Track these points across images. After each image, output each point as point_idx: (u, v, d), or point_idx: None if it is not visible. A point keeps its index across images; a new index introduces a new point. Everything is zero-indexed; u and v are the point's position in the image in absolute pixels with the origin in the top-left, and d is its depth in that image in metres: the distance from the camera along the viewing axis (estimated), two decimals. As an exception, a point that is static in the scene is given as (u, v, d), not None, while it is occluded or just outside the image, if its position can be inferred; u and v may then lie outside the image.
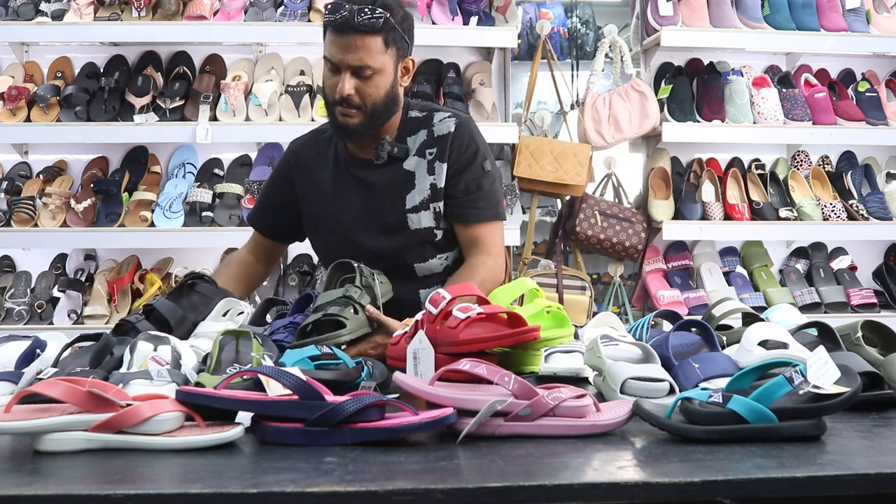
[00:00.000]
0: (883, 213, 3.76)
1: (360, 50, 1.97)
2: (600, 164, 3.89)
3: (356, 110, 2.03)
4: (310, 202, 2.23)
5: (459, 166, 2.13)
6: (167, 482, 1.12)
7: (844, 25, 3.76)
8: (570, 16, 4.14)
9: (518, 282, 1.87)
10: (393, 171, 2.13)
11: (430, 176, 2.13)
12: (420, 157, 2.14)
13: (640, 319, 1.92)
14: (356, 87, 2.00)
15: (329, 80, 2.04)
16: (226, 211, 3.49)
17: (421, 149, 2.14)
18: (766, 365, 1.41)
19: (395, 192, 2.13)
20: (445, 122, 2.15)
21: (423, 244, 2.15)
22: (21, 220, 3.45)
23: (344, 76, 2.00)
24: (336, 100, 2.03)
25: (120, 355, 1.55)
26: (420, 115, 2.18)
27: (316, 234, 2.30)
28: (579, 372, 1.69)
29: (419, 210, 2.13)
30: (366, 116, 2.04)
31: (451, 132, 2.13)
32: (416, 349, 1.48)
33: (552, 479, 1.11)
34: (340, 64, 1.99)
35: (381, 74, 2.02)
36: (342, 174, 2.18)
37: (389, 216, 2.13)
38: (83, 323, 3.39)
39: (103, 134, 3.54)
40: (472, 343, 1.54)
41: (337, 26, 1.97)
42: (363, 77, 2.00)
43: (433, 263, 2.17)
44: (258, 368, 1.35)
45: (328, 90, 2.05)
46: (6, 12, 3.58)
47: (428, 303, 1.58)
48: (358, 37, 1.96)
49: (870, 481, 1.14)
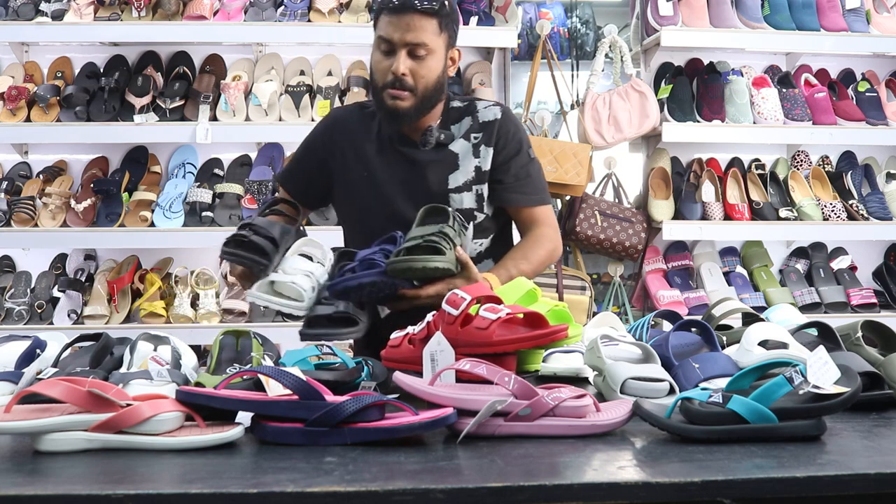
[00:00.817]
0: (883, 213, 3.76)
1: (417, 29, 2.04)
2: (600, 164, 3.89)
3: (408, 92, 2.08)
4: (349, 168, 2.23)
5: (508, 153, 2.20)
6: (167, 482, 1.12)
7: (844, 25, 3.76)
8: (570, 16, 4.14)
9: (516, 282, 1.87)
10: (438, 152, 2.19)
11: (476, 159, 2.18)
12: (465, 141, 2.20)
13: (640, 319, 1.92)
14: (410, 68, 2.06)
15: (382, 62, 2.09)
16: (226, 211, 3.49)
17: (466, 134, 2.21)
18: (766, 365, 1.41)
19: (439, 171, 2.18)
20: (491, 108, 2.22)
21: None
22: (21, 220, 3.45)
23: (399, 55, 2.05)
24: (389, 81, 2.07)
25: (120, 355, 1.55)
26: (462, 105, 2.24)
27: (349, 201, 2.26)
28: (579, 372, 1.69)
29: (461, 191, 2.18)
30: (416, 100, 2.09)
31: (497, 119, 2.20)
32: (434, 351, 1.46)
33: (552, 479, 1.11)
34: (398, 42, 2.05)
35: (434, 56, 2.08)
36: (386, 149, 2.21)
37: (432, 193, 2.16)
38: (83, 323, 3.39)
39: (103, 134, 3.54)
40: (507, 344, 1.51)
41: (397, 7, 2.04)
42: (418, 57, 2.06)
43: (469, 246, 2.20)
44: (258, 368, 1.35)
45: (380, 73, 2.10)
46: (6, 12, 3.58)
47: (445, 303, 1.55)
48: (416, 16, 2.03)
49: (870, 481, 1.14)
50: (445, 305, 1.55)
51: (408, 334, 1.63)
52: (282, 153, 3.72)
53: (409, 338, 1.62)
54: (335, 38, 3.65)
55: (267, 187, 3.50)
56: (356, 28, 3.54)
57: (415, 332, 1.61)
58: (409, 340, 1.61)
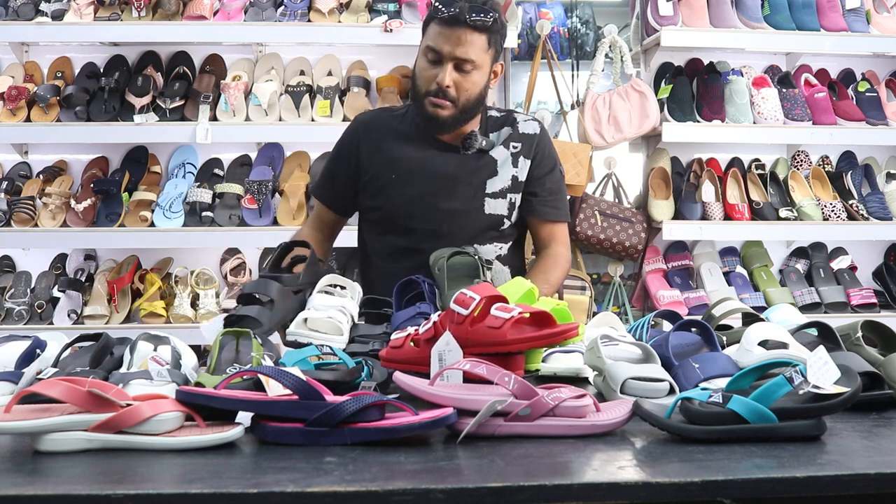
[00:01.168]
0: (883, 213, 3.76)
1: (467, 44, 2.09)
2: (600, 164, 3.89)
3: (450, 103, 2.13)
4: (376, 171, 2.26)
5: (545, 167, 2.28)
6: (167, 482, 1.12)
7: (844, 25, 3.76)
8: (570, 16, 4.14)
9: (516, 281, 1.86)
10: (478, 157, 2.24)
11: (514, 168, 2.26)
12: (504, 149, 2.26)
13: (640, 319, 1.92)
14: (455, 81, 2.11)
15: (427, 71, 2.14)
16: (226, 211, 3.49)
17: (506, 142, 2.27)
18: (766, 365, 1.41)
19: (477, 176, 2.23)
20: (530, 122, 2.31)
21: (488, 229, 2.25)
22: (21, 220, 3.45)
23: (446, 67, 2.10)
24: (432, 90, 2.13)
25: (120, 355, 1.55)
26: (500, 115, 2.32)
27: (376, 205, 2.28)
28: (579, 372, 1.69)
29: (497, 197, 2.25)
30: (457, 110, 2.15)
31: (537, 133, 2.29)
32: (442, 351, 1.45)
33: (552, 479, 1.11)
34: (446, 55, 2.09)
35: (479, 71, 2.14)
36: (418, 153, 2.24)
37: (467, 197, 2.22)
38: (83, 323, 3.39)
39: (103, 134, 3.54)
40: (522, 343, 1.51)
41: (449, 20, 2.08)
42: (463, 71, 2.11)
43: (489, 249, 2.26)
44: (258, 368, 1.35)
45: (424, 81, 2.15)
46: (6, 12, 3.58)
47: (454, 303, 1.53)
48: (468, 31, 2.08)
49: (870, 481, 1.14)
50: (454, 305, 1.53)
51: (409, 335, 1.61)
52: (282, 153, 3.72)
53: (411, 338, 1.60)
54: (335, 38, 3.65)
55: (267, 187, 3.50)
56: (356, 28, 3.55)
57: (419, 333, 1.59)
58: (413, 341, 1.59)
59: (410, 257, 2.21)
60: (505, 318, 1.49)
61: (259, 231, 3.46)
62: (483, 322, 1.50)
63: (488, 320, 1.50)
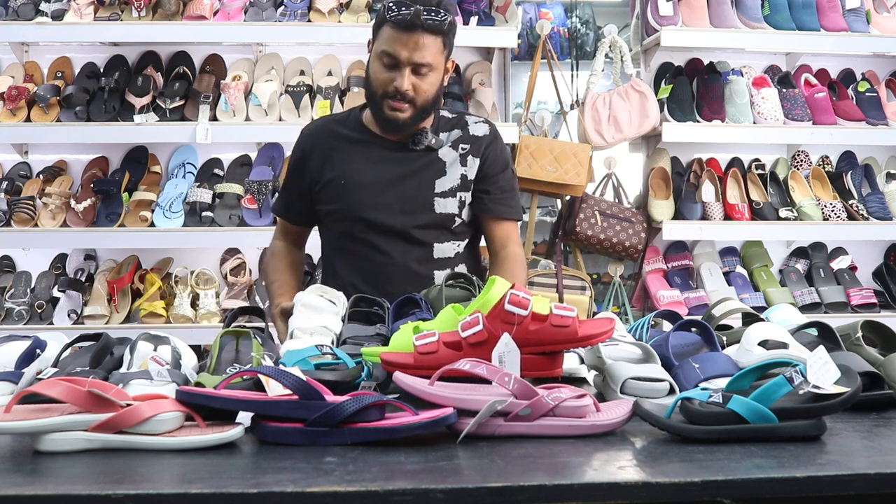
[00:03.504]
0: (883, 213, 3.76)
1: (423, 48, 2.09)
2: (600, 164, 3.89)
3: (408, 104, 2.15)
4: (325, 181, 2.29)
5: (497, 166, 2.30)
6: (167, 482, 1.12)
7: (844, 25, 3.76)
8: (570, 16, 4.14)
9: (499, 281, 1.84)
10: (426, 157, 2.27)
11: (462, 167, 2.27)
12: (453, 150, 2.28)
13: (640, 319, 1.92)
14: (413, 83, 2.12)
15: (382, 73, 2.14)
16: (226, 211, 3.49)
17: (455, 143, 2.29)
18: (766, 365, 1.41)
19: (425, 175, 2.26)
20: (480, 125, 2.33)
21: (441, 227, 2.28)
22: (21, 220, 3.45)
23: (403, 72, 2.11)
24: (389, 92, 2.14)
25: (120, 355, 1.55)
26: (452, 116, 2.34)
27: (329, 210, 2.31)
28: (578, 372, 1.69)
29: (447, 196, 2.26)
30: (415, 111, 2.17)
31: (486, 135, 2.31)
32: (503, 352, 1.44)
33: (552, 479, 1.11)
34: (404, 60, 2.10)
35: (435, 72, 2.15)
36: (365, 156, 2.27)
37: (417, 197, 2.25)
38: (83, 323, 3.39)
39: (103, 134, 3.53)
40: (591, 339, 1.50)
41: (404, 24, 2.07)
42: (420, 74, 2.13)
43: (447, 247, 2.30)
44: (258, 368, 1.35)
45: (380, 83, 2.15)
46: (6, 12, 3.58)
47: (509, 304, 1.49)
48: (424, 35, 2.08)
49: (870, 481, 1.14)
50: (510, 306, 1.48)
51: (439, 339, 1.51)
52: (282, 153, 3.72)
53: (445, 343, 1.51)
54: (335, 38, 3.65)
55: (267, 187, 3.50)
56: (356, 28, 3.54)
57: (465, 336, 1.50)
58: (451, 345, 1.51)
59: (370, 259, 2.26)
60: (571, 315, 1.49)
61: (259, 231, 3.46)
62: (547, 321, 1.50)
63: (553, 319, 1.49)
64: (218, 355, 1.60)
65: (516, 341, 1.45)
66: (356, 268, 2.28)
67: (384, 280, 2.22)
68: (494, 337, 1.47)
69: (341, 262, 2.32)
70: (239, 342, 1.67)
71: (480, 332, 1.48)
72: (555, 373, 1.53)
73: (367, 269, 2.26)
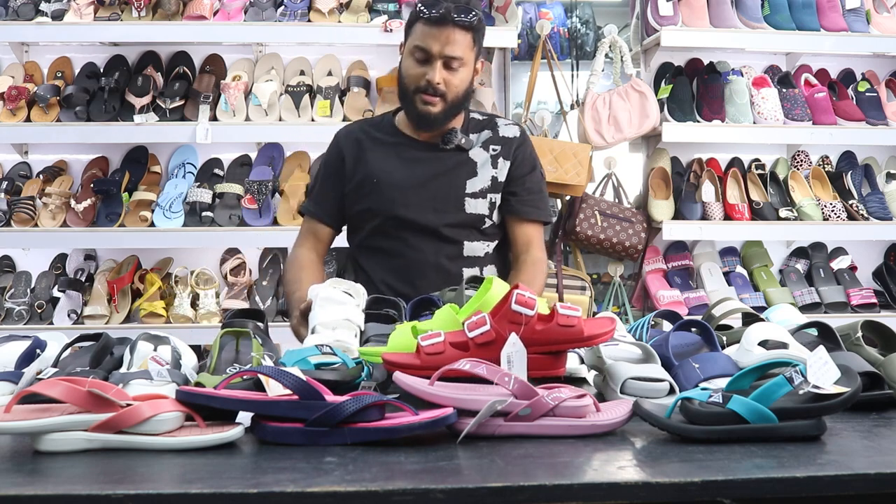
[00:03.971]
0: (883, 213, 3.76)
1: (455, 43, 2.16)
2: (600, 164, 3.89)
3: (439, 98, 2.20)
4: (358, 180, 2.33)
5: (526, 168, 2.35)
6: (167, 482, 1.12)
7: (844, 25, 3.76)
8: (570, 16, 4.14)
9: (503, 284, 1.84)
10: (457, 157, 2.31)
11: (493, 169, 2.32)
12: (484, 151, 2.33)
13: (640, 319, 1.92)
14: (444, 78, 2.19)
15: (415, 69, 2.21)
16: (226, 211, 3.49)
17: (485, 144, 2.34)
18: (766, 365, 1.41)
19: (457, 176, 2.30)
20: (510, 127, 2.39)
21: (471, 227, 2.31)
22: (21, 220, 3.45)
23: (435, 65, 2.18)
24: (422, 86, 2.20)
25: (120, 355, 1.55)
26: (482, 118, 2.39)
27: (360, 213, 2.34)
28: (578, 372, 1.69)
29: (477, 197, 2.30)
30: (446, 105, 2.22)
31: (516, 136, 2.37)
32: (511, 353, 1.45)
33: (552, 479, 1.11)
34: (436, 54, 2.17)
35: (466, 68, 2.21)
36: (397, 155, 2.32)
37: (448, 195, 2.29)
38: (83, 323, 3.39)
39: (103, 134, 3.53)
40: (595, 339, 1.52)
41: (436, 20, 2.16)
42: (451, 68, 2.19)
43: (477, 246, 2.33)
44: (258, 368, 1.35)
45: (412, 79, 2.22)
46: (6, 12, 3.58)
47: (515, 304, 1.49)
48: (455, 30, 2.16)
49: (870, 481, 1.14)
50: (516, 306, 1.48)
51: (445, 339, 1.51)
52: (282, 153, 3.72)
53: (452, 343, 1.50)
54: (335, 38, 3.65)
55: (267, 187, 3.50)
56: (356, 28, 3.54)
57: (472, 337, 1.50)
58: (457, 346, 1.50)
59: (402, 255, 2.29)
60: (577, 315, 1.50)
61: (259, 231, 3.46)
62: (553, 321, 1.50)
63: (559, 319, 1.49)
64: (218, 355, 1.60)
65: (523, 341, 1.46)
66: (388, 265, 2.30)
67: (416, 276, 2.25)
68: (502, 337, 1.47)
69: (371, 260, 2.34)
70: (239, 342, 1.67)
71: (488, 332, 1.49)
72: (558, 372, 1.53)
73: (399, 267, 2.29)
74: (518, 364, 1.44)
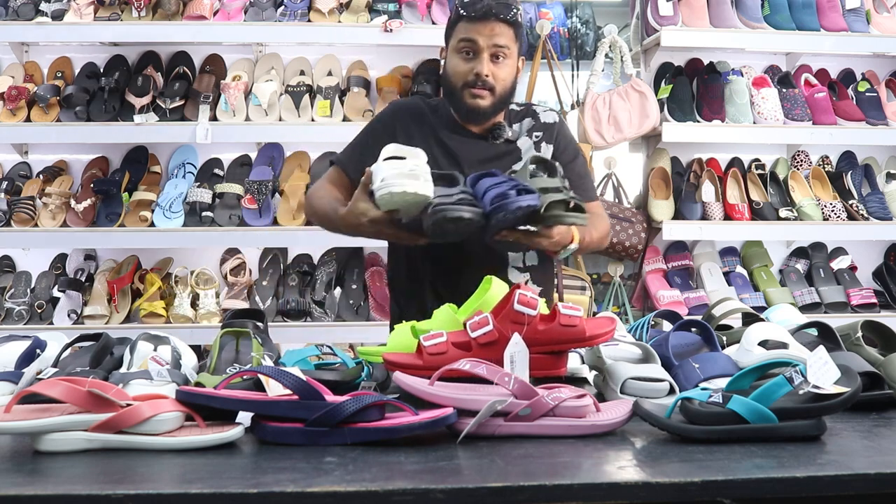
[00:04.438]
0: (883, 213, 3.76)
1: (499, 35, 2.19)
2: (600, 164, 3.89)
3: (488, 91, 2.21)
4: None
5: (569, 155, 2.37)
6: (167, 482, 1.12)
7: (844, 25, 3.76)
8: (570, 16, 4.14)
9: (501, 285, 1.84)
10: (505, 147, 2.34)
11: (536, 153, 2.32)
12: (528, 138, 2.36)
13: (640, 319, 1.93)
14: (492, 70, 2.20)
15: (462, 65, 2.22)
16: (226, 211, 3.49)
17: (529, 131, 2.37)
18: (766, 365, 1.41)
19: (504, 161, 2.31)
20: (549, 113, 2.41)
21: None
22: (21, 220, 3.45)
23: (482, 58, 2.19)
24: (470, 81, 2.21)
25: (120, 355, 1.55)
26: (520, 108, 2.41)
27: None
28: (578, 372, 1.69)
29: None
30: (495, 98, 2.23)
31: (556, 122, 2.39)
32: (514, 352, 1.46)
33: (552, 479, 1.11)
34: (483, 46, 2.18)
35: (511, 60, 2.23)
36: (447, 140, 2.32)
37: None
38: (83, 323, 3.39)
39: (103, 134, 3.53)
40: (597, 338, 1.53)
41: (479, 15, 2.18)
42: (498, 60, 2.21)
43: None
44: (258, 368, 1.35)
45: (460, 75, 2.23)
46: (6, 12, 3.58)
47: (518, 304, 1.51)
48: (498, 23, 2.18)
49: (870, 481, 1.14)
50: (519, 306, 1.51)
51: (448, 339, 1.51)
52: (282, 153, 3.72)
53: (454, 343, 1.51)
54: (335, 38, 3.65)
55: (267, 187, 3.50)
56: (356, 28, 3.54)
57: (475, 336, 1.51)
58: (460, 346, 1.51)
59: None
60: (579, 315, 1.51)
61: (259, 231, 3.46)
62: (555, 321, 1.50)
63: (561, 318, 1.50)
64: (218, 355, 1.60)
65: (525, 341, 1.46)
66: (432, 249, 2.24)
67: (461, 259, 2.22)
68: (504, 337, 1.47)
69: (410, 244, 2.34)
70: (239, 342, 1.67)
71: (491, 332, 1.50)
72: (559, 372, 1.53)
73: (443, 249, 2.23)
74: (521, 364, 1.44)
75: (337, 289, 3.56)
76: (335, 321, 3.44)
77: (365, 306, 3.51)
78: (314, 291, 3.52)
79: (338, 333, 3.43)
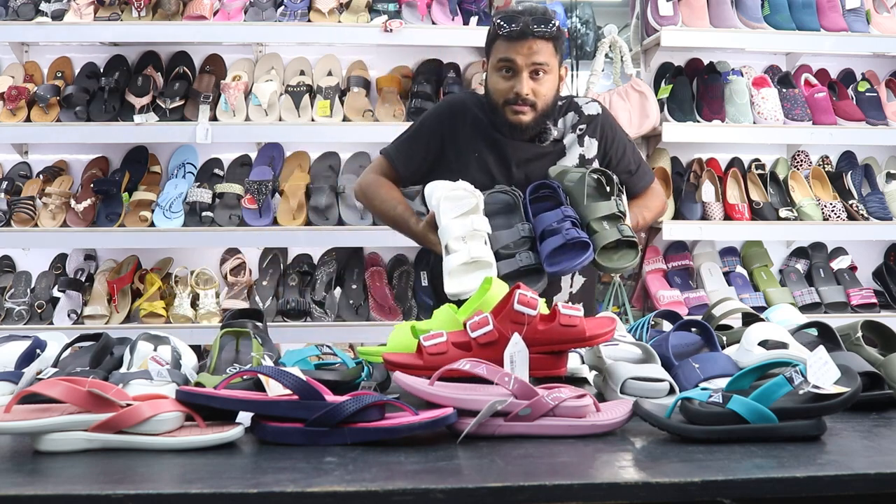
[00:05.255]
0: (883, 213, 3.76)
1: (538, 53, 2.20)
2: (600, 164, 3.88)
3: (529, 107, 2.24)
4: (462, 147, 2.35)
5: (618, 150, 2.41)
6: (167, 482, 1.12)
7: (844, 25, 3.76)
8: (570, 16, 4.14)
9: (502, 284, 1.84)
10: (550, 145, 2.36)
11: (580, 147, 2.37)
12: (572, 133, 2.38)
13: (640, 319, 1.93)
14: (532, 88, 2.22)
15: (502, 83, 2.25)
16: (226, 211, 3.49)
17: (573, 126, 2.39)
18: (766, 365, 1.41)
19: (550, 158, 2.34)
20: (591, 104, 2.43)
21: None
22: (21, 220, 3.45)
23: (522, 76, 2.21)
24: (510, 99, 2.23)
25: (120, 355, 1.55)
26: (561, 102, 2.41)
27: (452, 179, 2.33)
28: (579, 372, 1.69)
29: None
30: (536, 114, 2.26)
31: (599, 114, 2.41)
32: (514, 352, 1.46)
33: (552, 479, 1.11)
34: (522, 65, 2.20)
35: (551, 75, 2.25)
36: (496, 140, 2.34)
37: (540, 176, 2.30)
38: (83, 323, 3.39)
39: (103, 134, 3.53)
40: (597, 338, 1.53)
41: (516, 35, 2.21)
42: (538, 77, 2.22)
43: None
44: (258, 368, 1.35)
45: (500, 93, 2.26)
46: (6, 12, 3.58)
47: (518, 304, 1.51)
48: (536, 41, 2.20)
49: (870, 481, 1.14)
50: (519, 306, 1.50)
51: (447, 339, 1.51)
52: (282, 153, 3.72)
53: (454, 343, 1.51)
54: (335, 38, 3.65)
55: (267, 187, 3.50)
56: (356, 28, 3.54)
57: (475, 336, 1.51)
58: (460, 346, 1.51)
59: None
60: (579, 315, 1.51)
61: (259, 231, 3.46)
62: (555, 321, 1.51)
63: (561, 319, 1.50)
64: (218, 355, 1.60)
65: (525, 341, 1.46)
66: None
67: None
68: (504, 337, 1.47)
69: None
70: (239, 342, 1.67)
71: (491, 332, 1.49)
72: (559, 372, 1.53)
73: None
74: (521, 364, 1.44)
75: (337, 289, 3.56)
76: (335, 321, 3.44)
77: (365, 306, 3.51)
78: (314, 291, 3.52)
79: (338, 333, 3.43)
